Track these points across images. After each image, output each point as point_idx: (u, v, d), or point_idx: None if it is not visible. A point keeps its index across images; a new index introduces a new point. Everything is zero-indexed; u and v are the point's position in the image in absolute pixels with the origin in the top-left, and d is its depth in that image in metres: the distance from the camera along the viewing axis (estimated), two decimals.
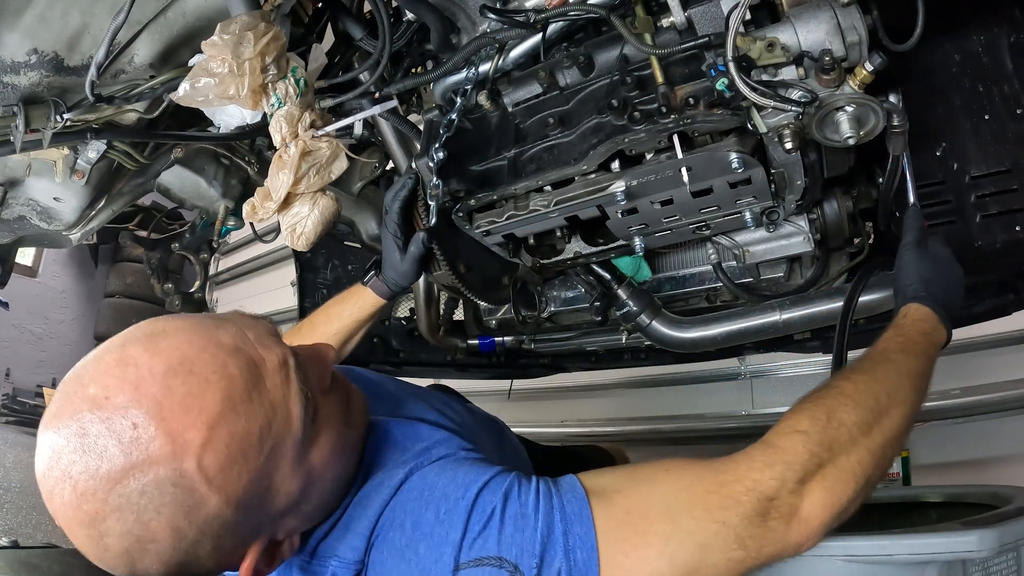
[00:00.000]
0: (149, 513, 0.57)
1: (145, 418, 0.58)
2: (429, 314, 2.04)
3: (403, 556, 0.66)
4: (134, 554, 0.59)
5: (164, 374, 0.60)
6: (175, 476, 0.58)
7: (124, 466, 0.57)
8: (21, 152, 1.40)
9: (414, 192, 1.20)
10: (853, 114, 0.91)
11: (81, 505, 0.57)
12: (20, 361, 6.87)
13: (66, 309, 7.47)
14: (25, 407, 6.40)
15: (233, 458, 0.60)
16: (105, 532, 0.58)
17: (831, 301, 1.37)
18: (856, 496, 0.70)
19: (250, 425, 0.61)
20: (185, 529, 0.59)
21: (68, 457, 0.58)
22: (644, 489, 0.68)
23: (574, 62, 1.14)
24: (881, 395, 0.75)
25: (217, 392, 0.60)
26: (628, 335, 1.70)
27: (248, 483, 0.61)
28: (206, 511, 0.59)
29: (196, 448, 0.58)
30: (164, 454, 0.57)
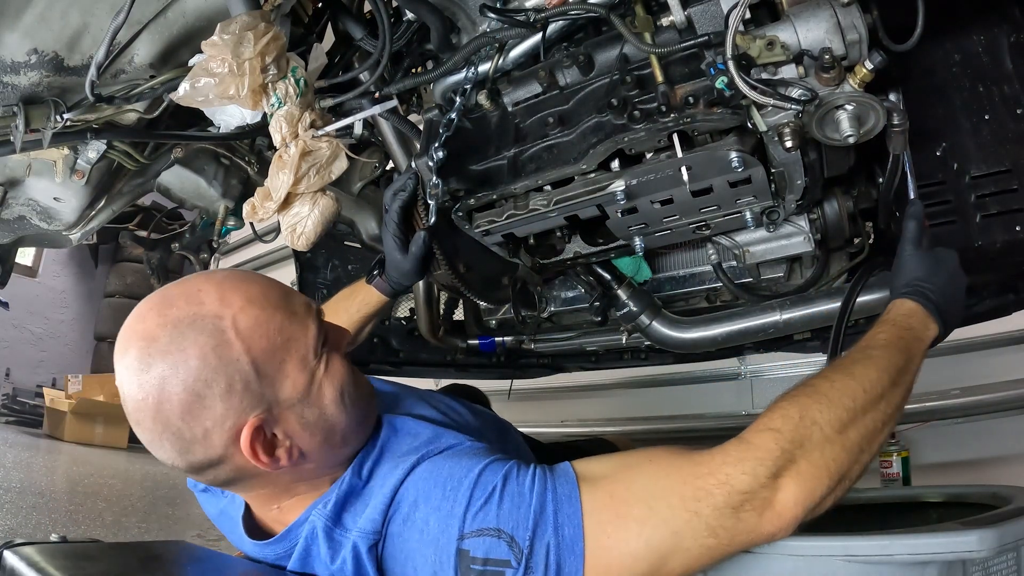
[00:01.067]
0: (188, 339, 0.75)
1: (206, 287, 0.79)
2: (429, 314, 2.04)
3: (416, 528, 0.76)
4: (166, 375, 0.74)
5: (229, 275, 0.82)
6: (215, 320, 0.76)
7: (182, 310, 0.77)
8: (21, 152, 1.40)
9: (414, 192, 1.20)
10: (853, 113, 0.91)
11: (146, 333, 0.76)
12: (20, 361, 6.87)
13: (66, 309, 7.47)
14: (25, 407, 6.40)
15: (258, 325, 0.78)
16: (153, 352, 0.75)
17: (831, 301, 1.37)
18: (830, 491, 0.75)
19: (275, 315, 0.79)
20: (209, 357, 0.75)
21: (146, 310, 0.79)
22: (628, 476, 0.75)
23: (574, 61, 1.14)
24: (858, 393, 0.78)
25: (257, 290, 0.80)
26: (628, 335, 1.70)
27: (264, 350, 0.77)
28: (229, 352, 0.76)
29: (234, 310, 0.77)
30: (211, 309, 0.77)
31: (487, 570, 0.71)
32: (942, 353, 2.35)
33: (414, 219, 1.23)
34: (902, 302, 0.91)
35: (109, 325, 7.15)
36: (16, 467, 3.65)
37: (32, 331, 7.10)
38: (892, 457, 1.94)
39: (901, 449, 1.95)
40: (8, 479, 3.11)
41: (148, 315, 0.79)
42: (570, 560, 0.70)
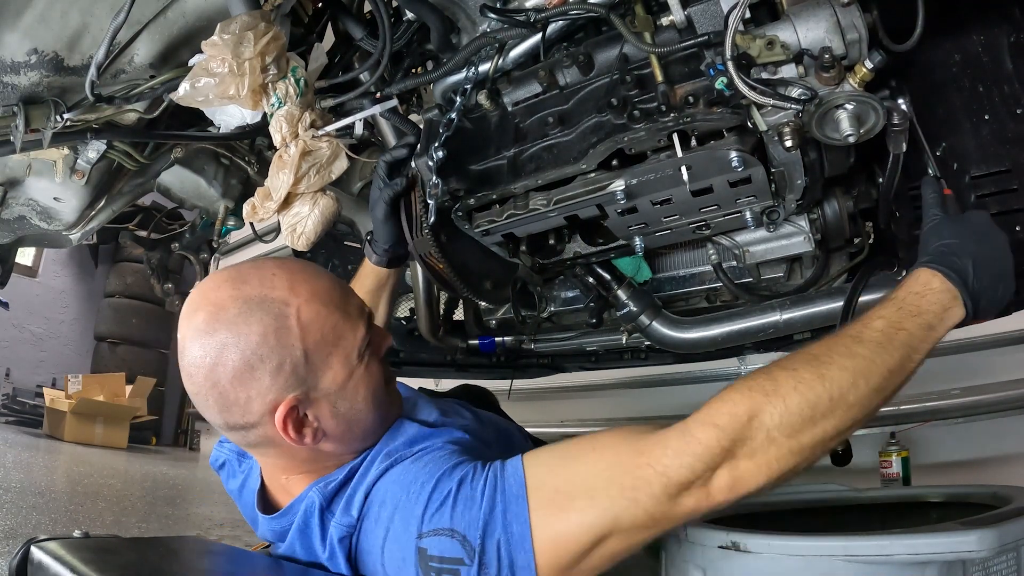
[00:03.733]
0: (255, 316, 0.84)
1: (280, 273, 0.88)
2: (429, 314, 2.04)
3: (383, 526, 0.84)
4: (227, 343, 0.83)
5: (302, 265, 0.93)
6: (281, 306, 0.85)
7: (255, 289, 0.86)
8: (21, 152, 1.40)
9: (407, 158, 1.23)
10: (853, 112, 0.91)
11: (216, 302, 0.85)
12: (20, 361, 6.87)
13: (66, 309, 7.48)
14: (25, 407, 6.40)
15: (316, 319, 0.87)
16: (221, 319, 0.84)
17: (831, 301, 1.37)
18: (768, 485, 0.76)
19: (333, 313, 0.89)
20: (269, 337, 0.84)
21: (219, 283, 0.88)
22: (572, 469, 0.80)
23: (574, 61, 1.14)
24: (823, 399, 0.74)
25: (323, 287, 0.90)
26: (628, 335, 1.70)
27: (316, 342, 0.87)
28: (287, 337, 0.85)
29: (300, 300, 0.86)
30: (280, 295, 0.86)
31: (444, 567, 0.77)
32: (942, 353, 2.36)
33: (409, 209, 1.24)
34: (920, 272, 0.80)
35: (109, 325, 7.16)
36: (16, 467, 3.65)
37: (32, 331, 7.10)
38: (892, 457, 1.95)
39: (901, 449, 1.95)
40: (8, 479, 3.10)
41: (223, 286, 0.87)
42: (521, 554, 0.76)
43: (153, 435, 6.71)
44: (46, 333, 7.24)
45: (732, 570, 1.04)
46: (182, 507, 3.36)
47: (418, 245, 1.24)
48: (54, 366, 7.06)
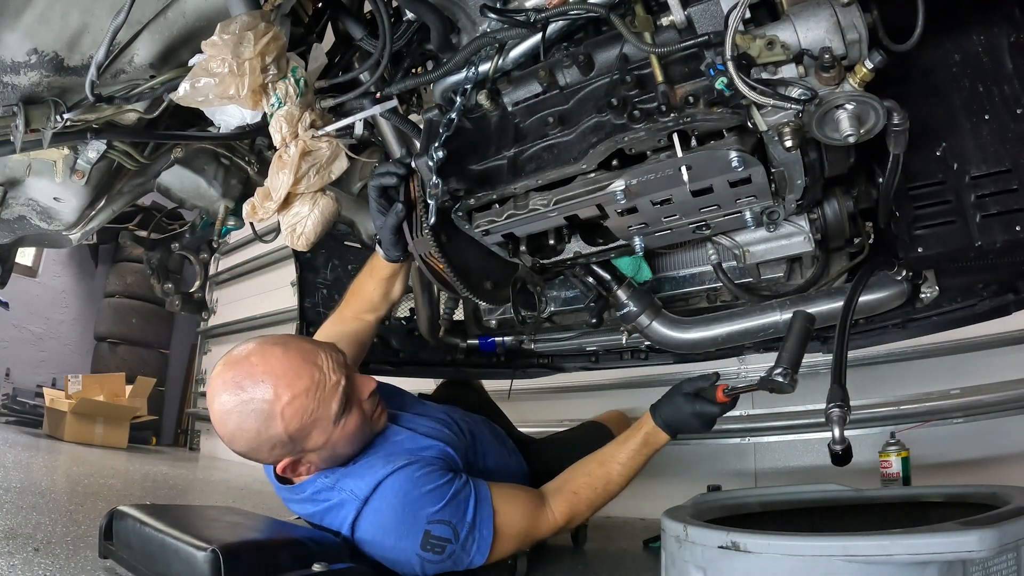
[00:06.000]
0: (249, 421, 1.23)
1: (267, 380, 1.23)
2: (429, 314, 2.04)
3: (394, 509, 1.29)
4: (235, 435, 1.25)
5: (284, 365, 1.25)
6: (267, 407, 1.22)
7: (248, 397, 1.23)
8: (21, 152, 1.40)
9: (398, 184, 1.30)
10: (853, 112, 0.91)
11: (223, 405, 1.24)
12: (20, 361, 6.86)
13: (66, 309, 7.47)
14: (25, 407, 6.39)
15: (296, 413, 1.24)
16: (227, 419, 1.24)
17: (831, 301, 1.37)
18: (584, 516, 1.51)
19: (310, 404, 1.25)
20: (262, 432, 1.24)
21: (224, 386, 1.25)
22: (510, 515, 1.39)
23: (574, 61, 1.14)
24: (609, 481, 1.48)
25: (304, 384, 1.25)
26: (628, 335, 1.70)
27: (298, 428, 1.25)
28: (274, 430, 1.24)
29: (283, 402, 1.23)
30: (265, 395, 1.23)
31: (438, 543, 1.29)
32: (942, 353, 2.36)
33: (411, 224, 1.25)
34: (648, 418, 1.48)
35: (109, 325, 7.15)
36: (16, 467, 3.65)
37: (32, 331, 7.10)
38: (892, 457, 1.94)
39: (901, 449, 1.94)
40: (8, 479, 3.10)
41: (225, 392, 1.24)
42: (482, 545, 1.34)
43: (153, 435, 6.70)
44: (46, 333, 7.24)
45: (732, 570, 1.04)
46: None
47: (418, 245, 1.24)
48: (54, 366, 7.05)
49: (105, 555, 1.51)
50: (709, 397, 1.40)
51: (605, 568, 1.87)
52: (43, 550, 1.72)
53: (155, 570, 1.28)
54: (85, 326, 7.41)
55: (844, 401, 1.13)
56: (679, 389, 1.45)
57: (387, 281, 1.56)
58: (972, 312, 1.45)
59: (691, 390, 1.44)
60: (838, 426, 1.11)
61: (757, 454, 2.80)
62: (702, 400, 1.41)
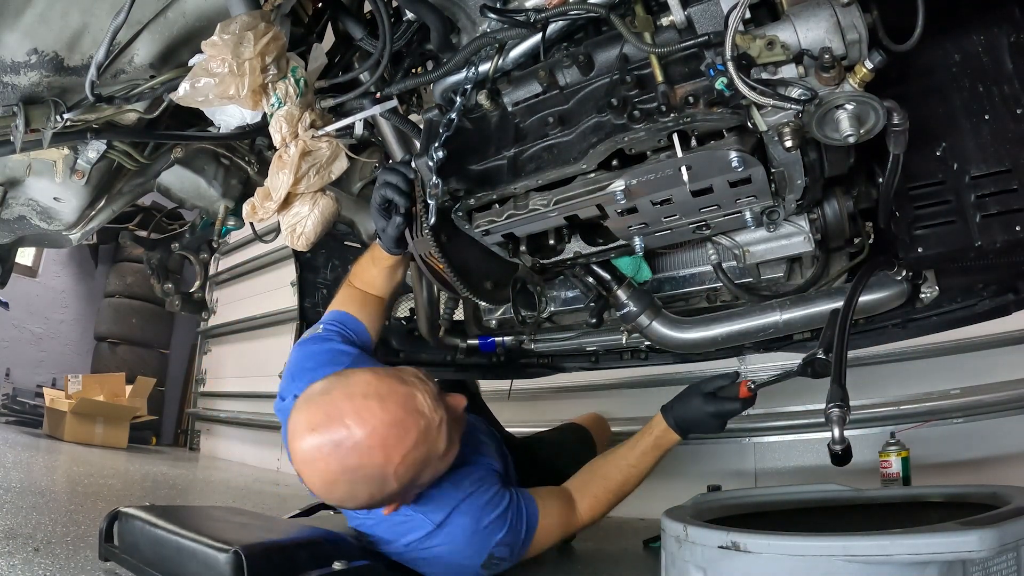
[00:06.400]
0: (361, 487, 1.16)
1: (375, 445, 1.14)
2: (429, 314, 2.04)
3: (460, 535, 1.34)
4: (345, 500, 1.21)
5: (388, 425, 1.15)
6: (380, 474, 1.15)
7: (357, 464, 1.14)
8: (21, 152, 1.40)
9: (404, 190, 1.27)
10: (853, 112, 0.91)
11: (326, 474, 1.15)
12: (20, 361, 6.86)
13: (66, 309, 7.47)
14: (25, 407, 6.39)
15: (409, 469, 1.18)
16: (335, 488, 1.17)
17: (831, 301, 1.37)
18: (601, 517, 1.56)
19: (421, 453, 1.19)
20: (376, 494, 1.19)
21: (323, 453, 1.13)
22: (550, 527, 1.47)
23: (574, 61, 1.14)
24: (625, 482, 1.53)
25: (412, 438, 1.17)
26: (628, 335, 1.70)
27: (411, 478, 1.20)
28: (389, 488, 1.18)
29: (395, 465, 1.15)
30: (376, 462, 1.14)
31: (498, 562, 1.38)
32: (942, 353, 2.36)
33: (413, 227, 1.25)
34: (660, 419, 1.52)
35: (109, 325, 7.15)
36: (16, 467, 3.65)
37: (32, 331, 7.10)
38: (892, 457, 1.94)
39: (901, 449, 1.94)
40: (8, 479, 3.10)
41: (330, 459, 1.13)
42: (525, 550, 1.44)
43: (153, 435, 6.70)
44: (46, 333, 7.24)
45: (732, 570, 1.04)
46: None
47: (418, 245, 1.24)
48: (54, 366, 7.05)
49: (106, 557, 1.49)
50: (730, 395, 1.43)
51: (605, 568, 1.87)
52: (43, 550, 1.72)
53: (168, 573, 1.26)
54: (85, 326, 7.41)
55: (844, 401, 1.13)
56: (698, 389, 1.47)
57: (390, 269, 1.53)
58: (972, 312, 1.45)
59: (710, 389, 1.45)
60: (838, 426, 1.11)
61: (757, 454, 2.80)
62: (722, 399, 1.43)
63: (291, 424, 1.17)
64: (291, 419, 1.17)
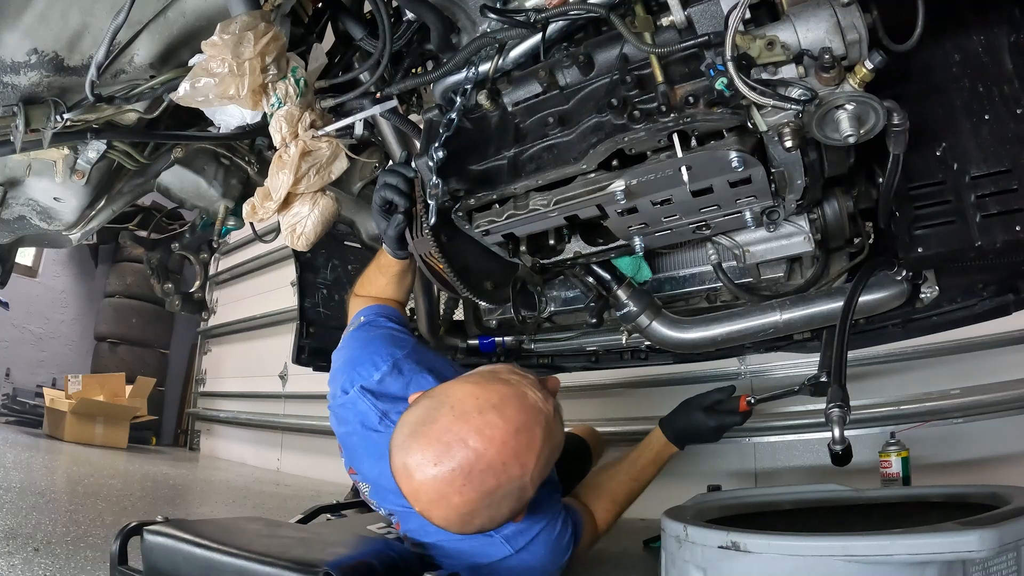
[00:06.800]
0: (503, 506, 1.07)
1: (508, 460, 1.04)
2: (429, 314, 2.04)
3: (542, 562, 1.32)
4: (485, 526, 1.10)
5: (515, 434, 1.05)
6: (520, 485, 1.07)
7: (495, 486, 1.04)
8: (21, 152, 1.40)
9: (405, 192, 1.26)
10: (853, 112, 0.91)
11: (464, 507, 1.04)
12: (20, 361, 6.87)
13: (66, 309, 7.47)
14: (25, 407, 6.40)
15: (542, 469, 1.10)
16: (475, 518, 1.06)
17: (831, 301, 1.37)
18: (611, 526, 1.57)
19: (548, 450, 1.10)
20: (515, 507, 1.10)
21: (455, 488, 1.03)
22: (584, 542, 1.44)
23: (574, 61, 1.14)
24: (629, 495, 1.55)
25: (537, 440, 1.08)
26: (628, 335, 1.70)
27: (542, 474, 1.11)
28: (527, 495, 1.10)
29: (529, 471, 1.07)
30: (513, 476, 1.05)
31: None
32: (942, 353, 2.36)
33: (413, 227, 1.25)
34: (659, 433, 1.54)
35: (109, 325, 7.15)
36: (16, 467, 3.65)
37: (32, 331, 7.10)
38: (892, 457, 1.94)
39: (901, 449, 1.94)
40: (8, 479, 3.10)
41: (465, 490, 1.03)
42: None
43: (153, 435, 6.71)
44: (46, 333, 7.24)
45: (732, 570, 1.04)
46: (182, 507, 3.36)
47: (418, 245, 1.24)
48: (54, 366, 7.05)
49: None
50: (730, 408, 1.47)
51: (605, 568, 1.87)
52: (43, 550, 1.72)
53: None
54: (85, 326, 7.41)
55: (844, 401, 1.13)
56: (697, 404, 1.51)
57: (399, 276, 1.51)
58: (972, 312, 1.45)
59: (709, 403, 1.48)
60: (838, 426, 1.11)
61: (757, 454, 2.80)
62: (722, 412, 1.47)
63: (401, 466, 1.05)
64: (399, 460, 1.05)
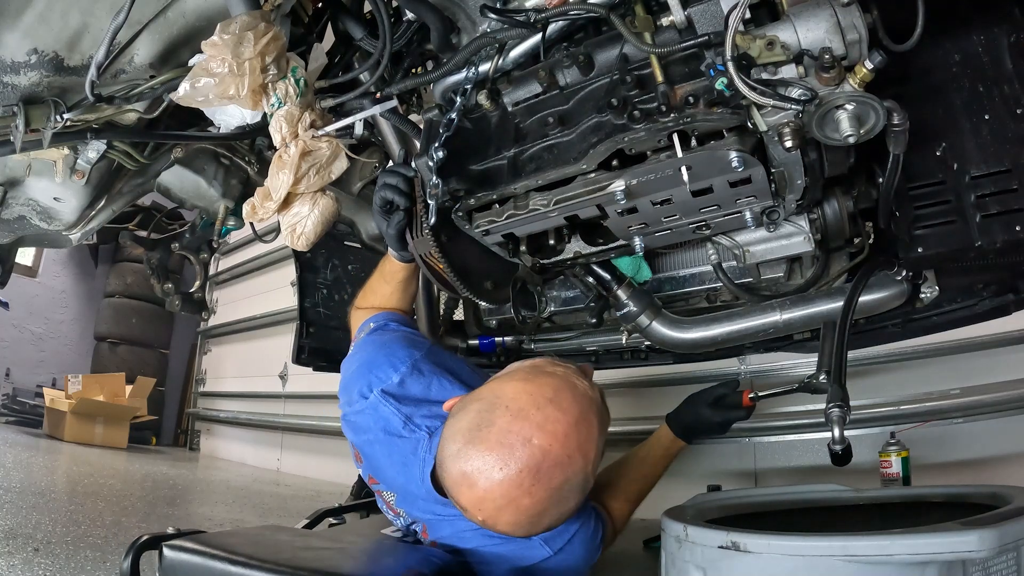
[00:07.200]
0: (572, 500, 1.06)
1: (573, 452, 1.03)
2: (429, 314, 2.04)
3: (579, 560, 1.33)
4: (554, 523, 1.09)
5: (575, 425, 1.04)
6: (584, 476, 1.06)
7: (563, 480, 1.03)
8: (21, 152, 1.40)
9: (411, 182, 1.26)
10: (853, 112, 0.91)
11: (534, 508, 1.02)
12: (20, 361, 6.87)
13: (66, 309, 7.47)
14: (25, 407, 6.40)
15: (600, 457, 1.10)
16: (545, 517, 1.05)
17: (831, 301, 1.37)
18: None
19: (603, 437, 1.11)
20: (580, 498, 1.08)
21: (523, 489, 1.01)
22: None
23: (574, 61, 1.14)
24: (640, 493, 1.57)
25: (595, 427, 1.07)
26: (628, 335, 1.70)
27: (599, 459, 1.10)
28: (588, 487, 1.09)
29: (591, 460, 1.06)
30: (579, 468, 1.04)
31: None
32: (942, 353, 2.36)
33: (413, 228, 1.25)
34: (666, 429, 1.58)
35: (109, 325, 7.16)
36: (16, 467, 3.65)
37: (32, 331, 7.10)
38: (892, 457, 1.94)
39: (901, 449, 1.95)
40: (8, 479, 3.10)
41: (535, 489, 1.01)
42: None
43: (153, 435, 6.71)
44: (46, 333, 7.25)
45: (732, 570, 1.04)
46: (182, 507, 3.36)
47: (418, 245, 1.24)
48: (54, 366, 7.06)
49: None
50: (734, 403, 1.51)
51: (605, 568, 1.87)
52: (43, 550, 1.72)
53: None
54: (85, 326, 7.42)
55: (844, 401, 1.13)
56: (702, 399, 1.54)
57: (404, 283, 1.49)
58: (972, 312, 1.45)
59: (713, 398, 1.52)
60: (838, 426, 1.11)
61: (757, 454, 2.80)
62: (727, 407, 1.51)
63: (460, 475, 1.02)
64: (456, 470, 1.03)
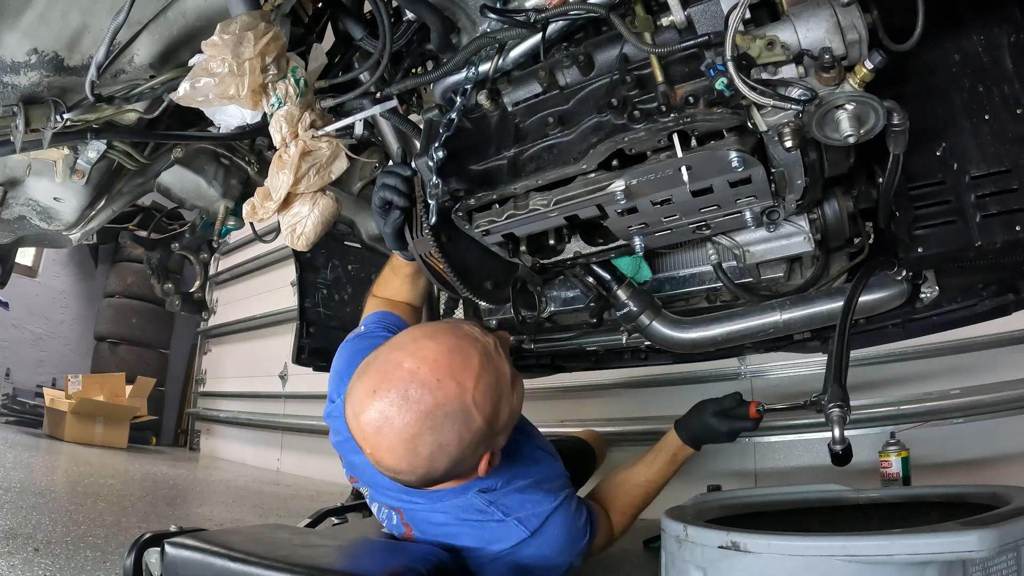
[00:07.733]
0: (447, 429, 1.04)
1: (443, 376, 1.04)
2: (429, 314, 2.04)
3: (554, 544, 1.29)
4: (435, 456, 1.05)
5: (448, 352, 1.07)
6: (460, 405, 1.05)
7: (433, 404, 1.03)
8: (21, 152, 1.40)
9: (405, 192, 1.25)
10: (853, 112, 0.91)
11: (405, 431, 1.02)
12: (20, 361, 6.87)
13: (66, 309, 7.47)
14: (25, 407, 6.40)
15: (487, 393, 1.08)
16: (420, 444, 1.03)
17: (831, 301, 1.37)
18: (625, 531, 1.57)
19: (492, 375, 1.10)
20: (464, 434, 1.06)
21: (395, 409, 1.02)
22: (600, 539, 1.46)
23: (574, 61, 1.14)
24: (646, 497, 1.57)
25: (476, 359, 1.08)
26: (628, 335, 1.70)
27: (492, 407, 1.09)
28: (475, 424, 1.07)
29: (471, 389, 1.06)
30: (451, 394, 1.04)
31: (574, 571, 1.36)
32: (942, 353, 2.36)
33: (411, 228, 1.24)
34: (674, 436, 1.57)
35: (109, 325, 7.15)
36: (16, 467, 3.65)
37: (32, 331, 7.10)
38: (892, 457, 1.94)
39: (901, 449, 1.94)
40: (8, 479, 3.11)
41: (404, 411, 1.02)
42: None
43: (153, 435, 6.71)
44: (46, 333, 7.24)
45: (732, 570, 1.04)
46: (182, 507, 3.36)
47: (418, 245, 1.24)
48: (54, 366, 7.06)
49: None
50: (741, 415, 1.52)
51: (605, 568, 1.87)
52: (43, 550, 1.72)
53: None
54: (85, 326, 7.41)
55: (844, 401, 1.13)
56: (709, 409, 1.54)
57: (412, 277, 1.54)
58: (972, 312, 1.45)
59: (720, 409, 1.53)
60: (838, 426, 1.11)
61: (757, 454, 2.80)
62: (734, 418, 1.52)
63: (351, 405, 1.07)
64: (348, 402, 1.08)
